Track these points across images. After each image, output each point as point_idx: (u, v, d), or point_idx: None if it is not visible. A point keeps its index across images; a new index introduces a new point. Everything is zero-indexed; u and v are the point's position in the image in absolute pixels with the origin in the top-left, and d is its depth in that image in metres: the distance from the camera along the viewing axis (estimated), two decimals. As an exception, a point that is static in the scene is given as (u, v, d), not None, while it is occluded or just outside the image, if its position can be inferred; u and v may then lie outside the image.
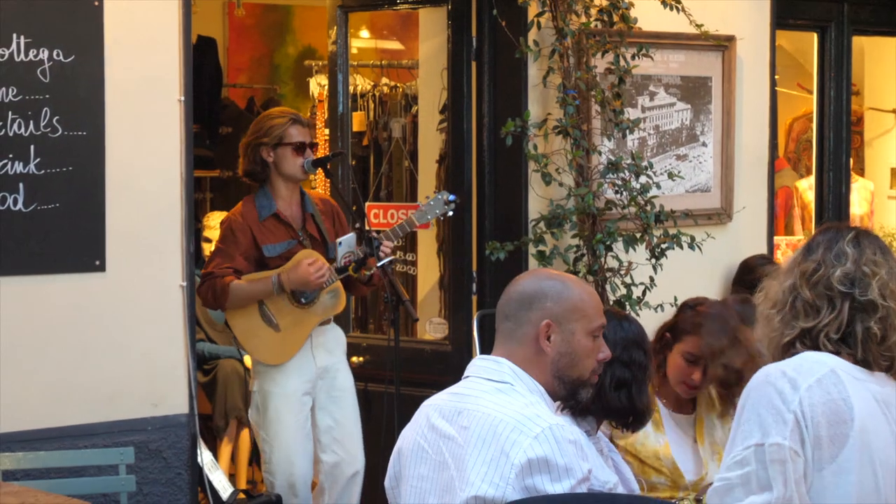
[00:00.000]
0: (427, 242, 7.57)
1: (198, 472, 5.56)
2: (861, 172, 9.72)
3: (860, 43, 8.93)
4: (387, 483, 3.51)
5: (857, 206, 9.06)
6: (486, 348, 6.02)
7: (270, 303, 5.84)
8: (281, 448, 5.88)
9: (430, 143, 7.50)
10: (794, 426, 2.95)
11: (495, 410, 3.22)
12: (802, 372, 3.02)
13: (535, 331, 3.35)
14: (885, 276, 3.12)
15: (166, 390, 5.47)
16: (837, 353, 3.09)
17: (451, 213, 5.96)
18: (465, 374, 3.44)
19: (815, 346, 3.11)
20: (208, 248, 7.28)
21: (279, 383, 5.86)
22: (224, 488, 5.70)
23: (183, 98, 5.44)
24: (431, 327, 7.01)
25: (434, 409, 3.36)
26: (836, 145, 8.20)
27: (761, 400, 3.01)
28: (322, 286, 5.79)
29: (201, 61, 9.65)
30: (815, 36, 8.22)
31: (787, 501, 2.92)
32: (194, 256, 5.57)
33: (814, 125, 8.32)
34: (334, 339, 6.04)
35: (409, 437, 3.39)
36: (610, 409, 4.09)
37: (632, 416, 4.02)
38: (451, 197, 5.92)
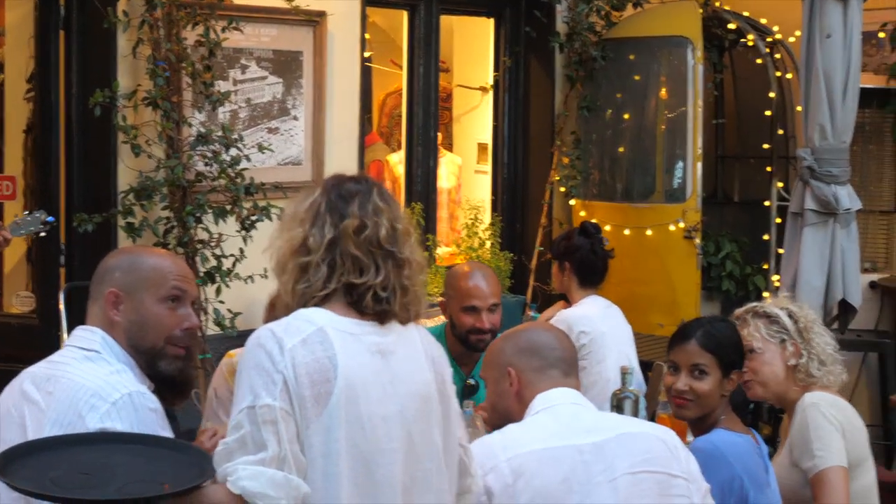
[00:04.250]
0: (10, 214, 7.37)
1: None
2: (450, 147, 10.02)
3: (449, 22, 9.21)
4: None
5: (445, 179, 9.34)
6: (75, 321, 5.95)
7: None
8: None
9: (18, 113, 7.31)
10: (283, 387, 2.96)
11: (80, 377, 3.22)
12: (290, 332, 3.03)
13: (104, 301, 3.37)
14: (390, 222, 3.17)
15: None
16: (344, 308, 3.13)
17: (43, 234, 5.92)
18: (66, 342, 3.45)
19: (357, 303, 3.13)
20: None
21: None
22: None
23: None
24: (18, 300, 6.85)
25: (28, 376, 3.34)
26: (425, 121, 8.45)
27: (253, 363, 3.01)
28: None
29: None
30: (405, 14, 8.43)
31: (281, 460, 2.93)
32: None
33: (403, 101, 8.54)
34: None
35: (2, 402, 3.36)
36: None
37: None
38: (50, 219, 5.90)
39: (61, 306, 6.14)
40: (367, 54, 7.82)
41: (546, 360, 3.52)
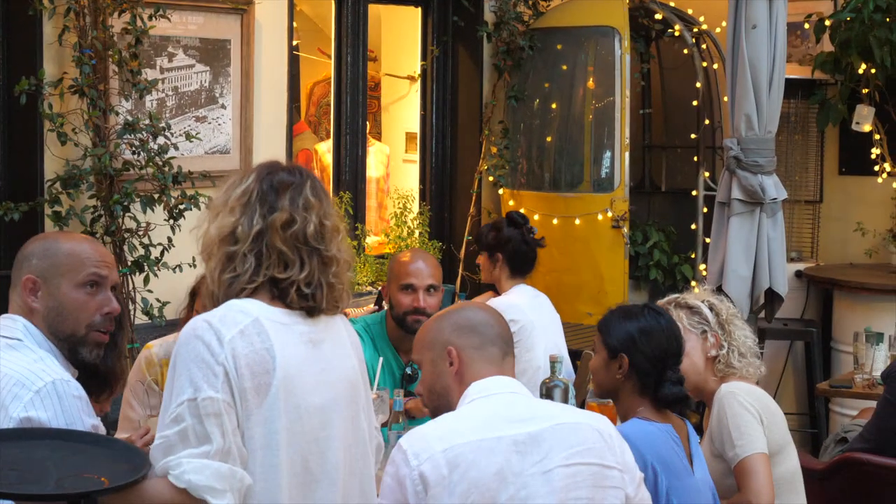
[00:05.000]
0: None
1: None
2: (378, 136, 10.01)
3: (377, 11, 9.21)
4: None
5: (374, 169, 9.32)
6: (3, 311, 5.88)
7: None
8: None
9: (-59, 101, 7.21)
10: (224, 379, 2.95)
11: (2, 366, 3.20)
12: (227, 323, 3.03)
13: (22, 288, 3.36)
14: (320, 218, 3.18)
15: None
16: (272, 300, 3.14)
17: None
18: None
19: (282, 297, 3.14)
20: None
21: None
22: None
23: None
24: (-58, 291, 6.76)
25: None
26: (353, 110, 8.43)
27: (191, 355, 2.99)
28: None
29: None
30: (333, 2, 8.40)
31: (225, 452, 2.93)
32: None
33: (332, 90, 8.52)
34: None
35: None
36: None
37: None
38: None
39: (-14, 296, 6.07)
40: (294, 43, 7.79)
41: (485, 337, 3.49)
